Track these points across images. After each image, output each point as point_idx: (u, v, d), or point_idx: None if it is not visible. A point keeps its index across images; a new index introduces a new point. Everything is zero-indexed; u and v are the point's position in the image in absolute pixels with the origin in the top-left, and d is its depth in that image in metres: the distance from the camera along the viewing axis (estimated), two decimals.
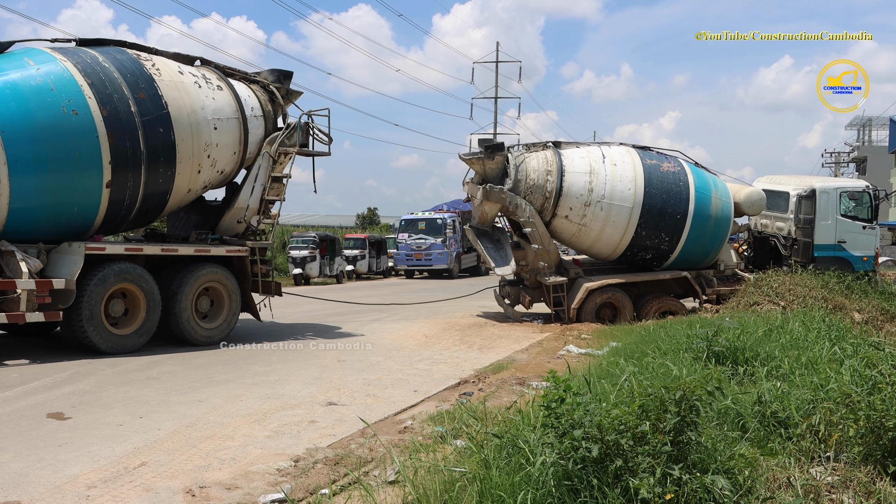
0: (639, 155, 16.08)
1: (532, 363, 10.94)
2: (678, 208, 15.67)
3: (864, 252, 17.71)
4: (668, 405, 4.51)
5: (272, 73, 14.26)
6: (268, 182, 13.56)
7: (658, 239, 15.78)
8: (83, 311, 10.77)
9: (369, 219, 63.84)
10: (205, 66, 13.45)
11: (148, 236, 13.68)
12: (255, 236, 13.86)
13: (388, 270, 35.93)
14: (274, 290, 13.96)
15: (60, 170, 10.64)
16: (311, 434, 6.89)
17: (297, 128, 13.93)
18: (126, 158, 11.16)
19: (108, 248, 11.35)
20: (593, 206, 15.49)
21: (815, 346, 8.98)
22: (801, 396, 6.11)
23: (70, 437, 6.61)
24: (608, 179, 15.49)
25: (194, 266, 12.36)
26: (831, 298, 14.20)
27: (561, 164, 15.65)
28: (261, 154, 13.50)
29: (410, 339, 13.43)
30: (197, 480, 5.48)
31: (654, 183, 15.58)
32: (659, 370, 7.49)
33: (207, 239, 13.08)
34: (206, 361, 10.90)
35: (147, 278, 11.56)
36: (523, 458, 4.65)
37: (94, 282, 10.87)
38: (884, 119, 58.35)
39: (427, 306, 19.02)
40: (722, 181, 17.12)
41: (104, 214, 11.39)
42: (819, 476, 4.69)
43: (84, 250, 10.81)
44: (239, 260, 13.13)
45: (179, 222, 14.09)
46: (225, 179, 13.57)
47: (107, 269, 11.08)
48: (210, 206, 14.23)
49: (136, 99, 11.29)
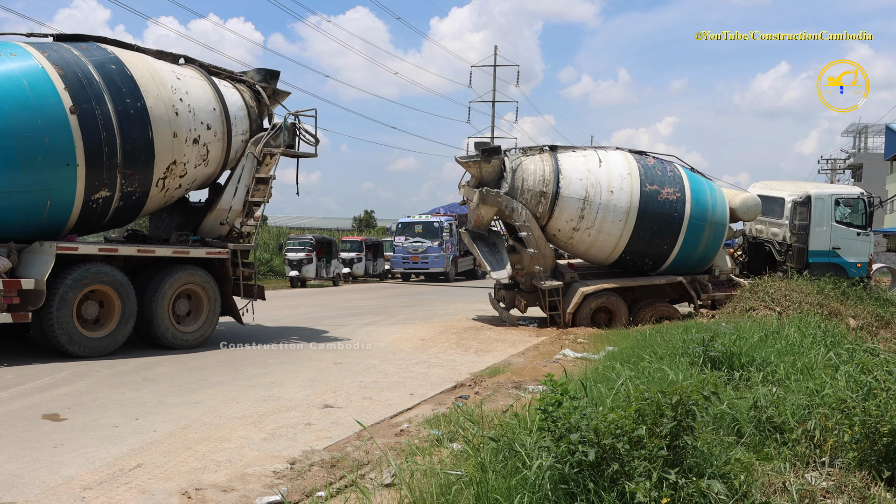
0: (635, 159, 16.09)
1: (528, 367, 10.94)
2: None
3: (859, 259, 17.81)
4: (664, 409, 4.53)
5: (259, 72, 14.06)
6: (252, 183, 13.35)
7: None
8: (53, 312, 10.50)
9: (366, 221, 63.83)
10: (189, 64, 13.23)
11: (130, 237, 13.49)
12: (241, 238, 13.65)
13: (384, 273, 35.95)
14: (257, 294, 13.65)
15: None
16: (307, 436, 6.89)
17: (283, 128, 13.71)
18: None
19: (82, 248, 11.08)
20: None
21: (811, 351, 9.01)
22: (797, 402, 6.13)
23: (65, 439, 6.60)
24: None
25: (172, 268, 12.10)
26: (827, 304, 14.27)
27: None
28: (245, 155, 13.28)
29: (407, 342, 13.43)
30: (193, 482, 5.47)
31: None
32: (655, 375, 7.50)
33: (188, 240, 12.86)
34: (203, 363, 10.89)
35: (122, 280, 11.30)
36: (520, 462, 4.66)
37: (65, 283, 10.60)
38: (880, 126, 58.51)
39: (423, 309, 19.02)
40: (718, 186, 17.16)
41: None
42: (814, 481, 4.71)
43: (55, 250, 10.55)
44: (220, 262, 12.88)
45: (162, 223, 13.82)
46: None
47: (80, 270, 10.80)
48: (193, 208, 13.96)
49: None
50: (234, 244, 13.20)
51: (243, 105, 13.34)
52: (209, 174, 13.12)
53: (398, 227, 35.71)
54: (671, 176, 16.06)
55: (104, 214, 11.59)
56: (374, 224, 62.33)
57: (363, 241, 34.91)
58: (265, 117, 13.87)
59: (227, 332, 13.50)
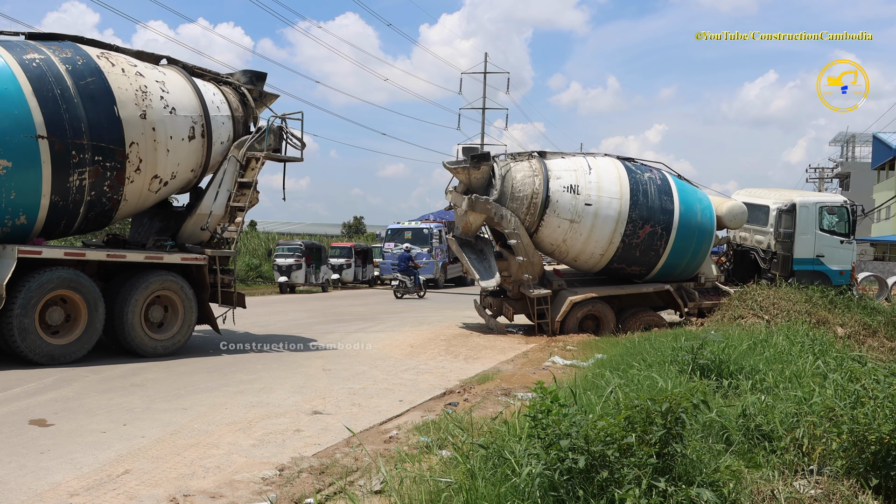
0: (624, 167, 16.14)
1: (518, 374, 10.95)
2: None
3: (842, 266, 17.99)
4: (654, 417, 4.54)
5: (245, 73, 13.81)
6: (234, 188, 13.04)
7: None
8: (13, 318, 10.20)
9: (355, 227, 63.85)
10: (171, 64, 12.99)
11: (109, 241, 13.18)
12: (223, 244, 13.26)
13: (373, 279, 35.89)
14: (236, 302, 13.15)
15: None
16: (296, 443, 6.87)
17: (268, 131, 13.43)
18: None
19: (46, 252, 10.74)
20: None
21: (799, 359, 9.05)
22: (785, 410, 6.15)
23: (52, 444, 6.55)
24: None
25: (145, 274, 11.75)
26: (814, 313, 14.34)
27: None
28: (227, 158, 13.02)
29: (396, 349, 13.40)
30: (181, 489, 5.45)
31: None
32: (644, 382, 7.52)
33: (165, 246, 12.57)
34: (191, 369, 10.84)
35: (88, 285, 11.00)
36: (509, 469, 4.66)
37: (26, 288, 10.31)
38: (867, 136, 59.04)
39: (412, 316, 19.00)
40: (705, 194, 17.24)
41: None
42: (802, 489, 4.73)
43: (17, 254, 10.25)
44: (197, 269, 12.50)
45: (143, 228, 13.53)
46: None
47: (43, 275, 10.50)
48: (174, 212, 13.68)
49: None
50: (213, 250, 12.82)
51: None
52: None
53: (388, 234, 35.68)
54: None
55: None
56: (363, 230, 62.34)
57: (352, 247, 34.84)
58: (251, 120, 13.62)
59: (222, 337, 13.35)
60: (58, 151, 10.59)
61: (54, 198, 10.80)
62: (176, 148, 12.11)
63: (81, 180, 10.94)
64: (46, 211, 10.85)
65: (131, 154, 11.41)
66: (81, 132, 10.79)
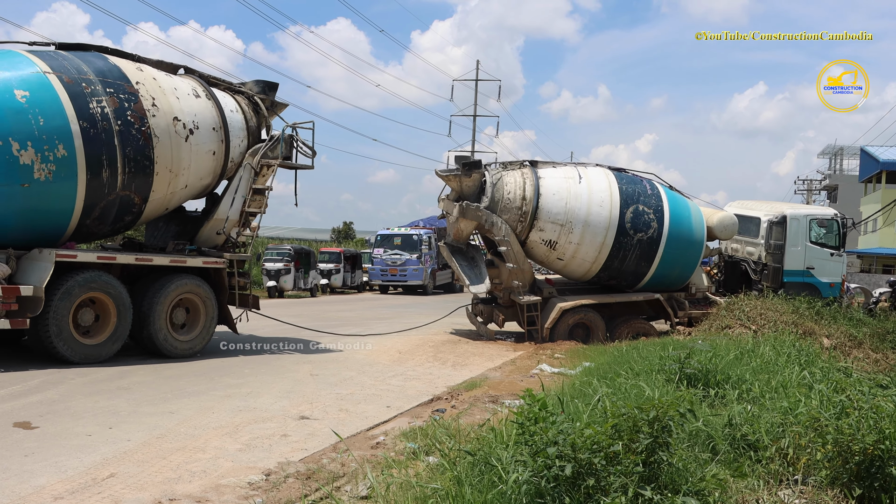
0: (615, 176, 16.20)
1: (505, 381, 10.95)
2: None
3: (832, 279, 18.12)
4: (641, 425, 4.55)
5: (257, 83, 14.15)
6: (249, 194, 13.43)
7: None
8: (51, 319, 10.53)
9: (345, 233, 63.66)
10: (189, 74, 13.35)
11: (125, 245, 13.54)
12: (236, 248, 13.71)
13: (362, 285, 35.85)
14: (252, 304, 13.82)
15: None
16: (282, 448, 6.86)
17: (281, 140, 13.82)
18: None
19: (80, 255, 11.18)
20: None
21: (785, 370, 9.10)
22: (771, 420, 6.19)
23: (37, 447, 6.51)
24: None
25: (170, 277, 12.16)
26: (801, 323, 14.42)
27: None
28: (243, 165, 13.38)
29: (384, 355, 13.39)
30: (167, 493, 5.42)
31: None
32: (632, 391, 7.54)
33: (185, 250, 12.94)
34: (178, 373, 10.79)
35: (117, 286, 11.35)
36: (496, 476, 4.67)
37: (62, 290, 10.65)
38: (855, 149, 59.38)
39: (400, 322, 18.96)
40: (696, 205, 17.32)
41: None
42: (787, 499, 4.76)
43: (54, 257, 10.62)
44: (216, 272, 12.97)
45: (158, 232, 13.90)
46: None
47: (77, 277, 10.87)
48: (190, 217, 14.07)
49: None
50: (231, 254, 13.31)
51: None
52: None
53: (377, 240, 35.66)
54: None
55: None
56: (352, 236, 62.17)
57: (342, 252, 34.80)
58: (263, 128, 13.97)
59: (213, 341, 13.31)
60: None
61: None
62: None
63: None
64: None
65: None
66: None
